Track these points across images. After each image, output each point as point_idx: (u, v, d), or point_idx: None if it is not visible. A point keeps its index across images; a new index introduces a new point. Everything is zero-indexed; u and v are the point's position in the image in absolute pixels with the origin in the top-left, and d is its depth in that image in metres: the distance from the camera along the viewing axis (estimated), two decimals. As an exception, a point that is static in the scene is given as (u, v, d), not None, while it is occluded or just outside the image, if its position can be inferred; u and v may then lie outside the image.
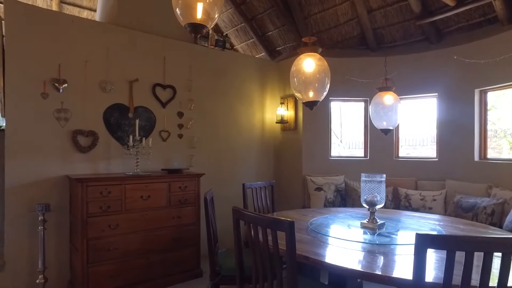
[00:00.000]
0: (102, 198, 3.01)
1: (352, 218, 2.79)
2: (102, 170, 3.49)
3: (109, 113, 3.53)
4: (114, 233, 3.09)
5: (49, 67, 3.19)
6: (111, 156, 3.54)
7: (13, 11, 3.05)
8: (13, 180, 3.03)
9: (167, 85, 3.94)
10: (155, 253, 3.35)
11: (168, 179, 3.43)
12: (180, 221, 3.50)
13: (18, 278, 3.08)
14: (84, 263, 2.95)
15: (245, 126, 4.76)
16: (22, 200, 3.07)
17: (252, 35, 5.52)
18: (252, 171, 4.83)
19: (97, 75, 3.46)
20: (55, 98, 3.21)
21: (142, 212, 3.26)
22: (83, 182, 2.92)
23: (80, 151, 3.34)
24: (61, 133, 3.26)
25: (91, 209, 2.96)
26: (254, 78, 4.87)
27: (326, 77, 2.29)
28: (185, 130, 4.09)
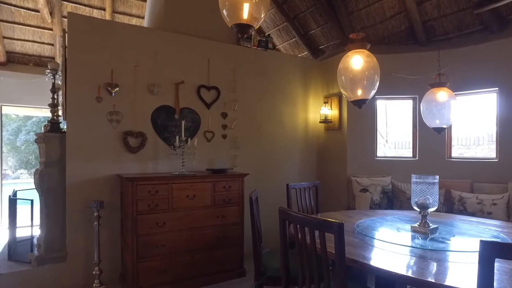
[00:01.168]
0: (150, 196, 3.13)
1: (401, 221, 2.66)
2: (150, 170, 3.63)
3: (156, 114, 3.67)
4: (161, 230, 3.20)
5: (103, 72, 3.38)
6: (158, 156, 3.67)
7: (75, 24, 3.28)
8: (72, 179, 3.25)
9: (211, 87, 4.02)
10: (199, 251, 3.42)
11: (213, 179, 3.49)
12: (224, 220, 3.55)
13: (77, 268, 3.30)
14: (134, 258, 3.08)
15: (288, 126, 4.72)
16: (79, 197, 3.28)
17: (294, 34, 5.46)
18: (295, 171, 4.78)
19: (145, 78, 3.61)
20: (108, 101, 3.40)
21: (188, 211, 3.34)
22: (133, 181, 3.06)
23: (130, 151, 3.51)
24: (113, 135, 3.44)
25: (140, 207, 3.09)
26: (297, 78, 4.82)
27: (375, 74, 2.19)
28: (229, 131, 4.14)
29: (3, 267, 3.23)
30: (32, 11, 5.42)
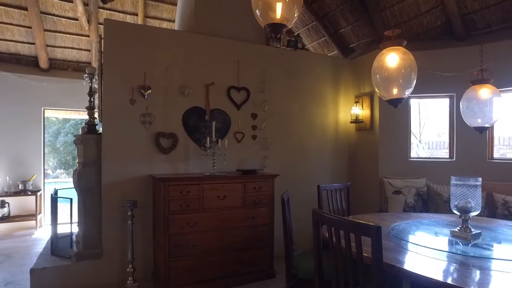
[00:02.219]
0: (182, 197, 3.18)
1: (439, 225, 2.54)
2: (181, 170, 3.70)
3: (187, 116, 3.72)
4: (192, 230, 3.24)
5: (136, 75, 3.48)
6: (189, 156, 3.73)
7: (110, 30, 3.40)
8: (108, 179, 3.37)
9: (241, 88, 4.03)
10: (230, 252, 3.44)
11: (243, 180, 3.50)
12: (254, 221, 3.55)
13: (112, 265, 3.40)
14: (166, 257, 3.14)
15: (318, 127, 4.66)
16: (114, 196, 3.39)
17: (324, 33, 5.38)
18: (325, 172, 4.70)
19: (176, 80, 3.68)
20: (141, 103, 3.49)
21: (219, 211, 3.37)
22: (165, 181, 3.12)
23: (162, 152, 3.58)
24: (146, 136, 3.53)
25: (172, 207, 3.15)
26: (327, 77, 4.74)
27: (412, 72, 2.11)
28: (259, 131, 4.14)
29: (47, 261, 3.40)
30: (72, 19, 5.68)
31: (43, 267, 3.26)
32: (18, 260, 4.29)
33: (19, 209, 5.94)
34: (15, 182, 5.80)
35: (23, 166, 5.97)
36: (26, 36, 5.73)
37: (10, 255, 4.47)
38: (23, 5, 5.34)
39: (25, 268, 3.99)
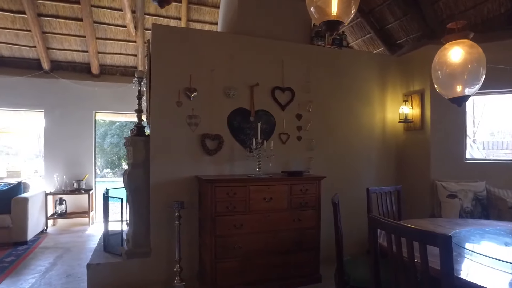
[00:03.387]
0: (228, 198, 3.18)
1: (508, 234, 2.31)
2: (226, 172, 3.71)
3: (232, 117, 3.73)
4: (238, 232, 3.23)
5: (183, 78, 3.54)
6: (234, 158, 3.73)
7: (158, 34, 3.49)
8: (155, 179, 3.46)
9: (285, 88, 3.97)
10: (275, 255, 3.39)
11: (290, 182, 3.44)
12: (300, 224, 3.47)
13: (159, 264, 3.49)
14: (212, 258, 3.16)
15: (364, 127, 4.48)
16: (162, 197, 3.47)
17: (369, 30, 5.18)
18: (372, 174, 4.51)
19: (221, 82, 3.70)
20: (187, 105, 3.55)
21: (264, 213, 3.33)
22: (212, 183, 3.13)
23: (207, 153, 3.61)
24: (192, 137, 3.58)
25: (219, 209, 3.16)
26: (374, 76, 4.55)
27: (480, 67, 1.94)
28: (304, 132, 4.05)
29: (101, 257, 3.56)
30: (120, 27, 5.94)
31: (98, 263, 3.41)
32: (76, 254, 4.55)
33: (74, 206, 6.32)
34: (70, 181, 6.18)
35: (77, 166, 6.34)
36: (81, 45, 6.09)
37: (69, 249, 4.76)
38: (79, 16, 5.66)
39: (81, 262, 4.23)
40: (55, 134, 6.27)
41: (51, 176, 6.17)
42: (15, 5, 5.44)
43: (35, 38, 5.74)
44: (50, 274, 3.87)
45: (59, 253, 4.58)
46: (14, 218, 4.86)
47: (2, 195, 5.03)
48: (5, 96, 6.03)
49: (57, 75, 6.22)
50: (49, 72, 6.20)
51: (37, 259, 4.37)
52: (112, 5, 5.66)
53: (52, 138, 6.28)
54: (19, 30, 5.74)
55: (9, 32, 5.75)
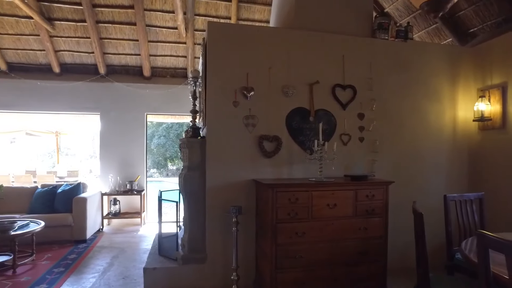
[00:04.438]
0: (290, 204, 2.97)
1: None
2: (285, 175, 3.50)
3: (291, 117, 3.51)
4: (300, 240, 3.00)
5: (239, 77, 3.39)
6: (293, 161, 3.51)
7: (213, 32, 3.37)
8: (211, 183, 3.33)
9: (346, 85, 3.69)
10: (339, 266, 3.12)
11: (355, 187, 3.15)
12: (366, 233, 3.17)
13: (215, 270, 3.36)
14: (272, 268, 2.96)
15: (432, 126, 4.05)
16: (218, 201, 3.33)
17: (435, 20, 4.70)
18: (441, 178, 4.07)
19: (279, 80, 3.50)
20: (244, 105, 3.39)
21: (328, 221, 3.07)
22: (274, 188, 2.93)
23: (265, 156, 3.42)
24: (249, 139, 3.41)
25: (280, 215, 2.95)
26: (443, 69, 4.11)
27: None
28: (367, 133, 3.73)
29: (156, 261, 3.51)
30: (171, 29, 5.98)
31: (154, 267, 3.36)
32: (130, 255, 4.59)
33: (127, 207, 6.46)
34: (124, 182, 6.31)
35: (129, 167, 6.47)
36: (134, 48, 6.21)
37: (124, 250, 4.82)
38: (133, 21, 5.77)
39: (136, 263, 4.24)
40: (110, 136, 6.45)
41: (106, 176, 6.35)
42: (77, 15, 5.68)
43: (93, 44, 5.93)
44: (108, 274, 3.90)
45: (115, 253, 4.64)
46: (75, 217, 5.02)
47: (64, 195, 5.22)
48: (67, 101, 6.31)
49: (112, 79, 6.40)
50: (105, 76, 6.39)
51: (95, 258, 4.45)
52: (164, 8, 5.69)
53: (107, 140, 6.47)
54: (80, 38, 5.98)
55: (71, 40, 6.01)
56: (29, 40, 5.99)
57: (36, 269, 4.04)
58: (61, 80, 6.28)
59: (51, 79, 6.26)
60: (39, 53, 6.16)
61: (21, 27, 5.81)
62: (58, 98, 6.26)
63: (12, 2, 5.35)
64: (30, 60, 6.27)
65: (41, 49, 6.08)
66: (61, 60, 6.28)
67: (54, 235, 4.86)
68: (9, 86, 6.17)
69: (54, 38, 5.94)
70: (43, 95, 6.22)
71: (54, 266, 4.09)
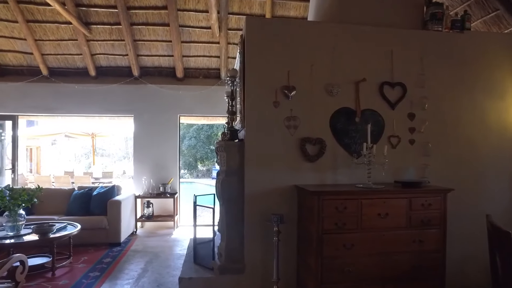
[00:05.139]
0: (337, 213, 2.71)
1: None
2: (329, 181, 3.23)
3: (335, 118, 3.25)
4: (348, 253, 2.74)
5: (280, 75, 3.17)
6: (337, 165, 3.24)
7: (252, 27, 3.18)
8: (250, 188, 3.13)
9: (395, 83, 3.37)
10: (391, 281, 2.82)
11: (409, 195, 2.84)
12: (421, 246, 2.84)
13: (254, 282, 3.15)
14: (317, 283, 2.72)
15: (494, 126, 3.61)
16: (257, 208, 3.13)
17: (495, 6, 4.26)
18: (503, 187, 3.62)
19: (323, 78, 3.24)
20: (285, 105, 3.16)
21: (379, 232, 2.79)
22: (320, 195, 2.69)
23: (308, 160, 3.18)
24: (291, 142, 3.18)
25: (326, 225, 2.70)
26: (506, 62, 3.67)
27: None
28: (418, 135, 3.39)
29: (192, 270, 3.36)
30: (204, 28, 5.87)
31: (190, 277, 3.21)
32: (164, 261, 4.49)
33: (160, 210, 6.41)
34: (157, 185, 6.27)
35: (162, 170, 6.42)
36: (167, 50, 6.16)
37: (157, 255, 4.73)
38: (166, 22, 5.72)
39: (170, 270, 4.13)
40: (143, 138, 6.44)
41: (140, 179, 6.33)
42: (112, 18, 5.71)
43: (128, 46, 5.94)
44: (142, 281, 3.81)
45: (149, 258, 4.56)
46: (109, 219, 5.00)
47: (99, 197, 5.23)
48: (102, 103, 6.37)
49: (145, 81, 6.39)
50: (138, 78, 6.39)
51: (129, 262, 4.39)
52: (197, 7, 5.59)
53: (141, 142, 6.46)
54: (115, 41, 6.01)
55: (106, 43, 6.06)
56: (68, 45, 6.10)
57: (73, 272, 4.03)
58: (96, 83, 6.35)
59: (88, 83, 6.34)
60: (77, 57, 6.26)
61: (61, 33, 5.92)
62: (94, 101, 6.33)
63: (53, 9, 5.45)
64: (69, 65, 6.38)
65: (78, 53, 6.16)
66: (97, 63, 6.35)
67: (90, 238, 4.86)
68: (50, 90, 6.31)
69: (90, 42, 6.00)
70: (80, 98, 6.31)
71: (90, 270, 4.06)
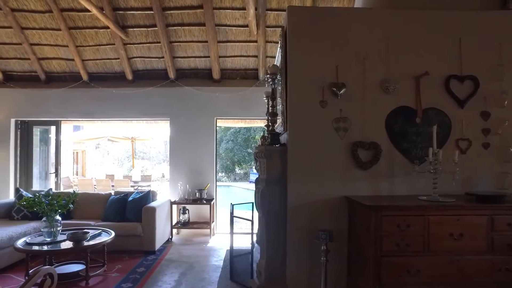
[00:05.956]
0: (399, 232, 2.26)
1: None
2: (385, 192, 2.78)
3: (392, 119, 2.80)
4: (413, 281, 2.28)
5: (327, 71, 2.78)
6: (394, 173, 2.79)
7: (294, 17, 2.84)
8: (294, 200, 2.77)
9: (465, 76, 2.85)
10: (466, 317, 2.32)
11: (490, 211, 2.32)
12: (510, 276, 2.31)
13: (298, 306, 2.77)
14: (374, 313, 2.28)
15: None
16: (301, 223, 2.76)
17: None
18: None
19: (376, 73, 2.81)
20: (334, 105, 2.77)
21: (452, 256, 2.30)
22: (378, 210, 2.26)
23: (360, 167, 2.76)
24: (340, 146, 2.77)
25: (385, 246, 2.26)
26: None
27: None
28: (494, 137, 2.85)
29: (228, 289, 3.05)
30: (241, 27, 5.59)
31: (226, 296, 2.89)
32: (199, 273, 4.22)
33: (196, 216, 6.19)
34: (193, 190, 6.06)
35: (198, 175, 6.21)
36: (203, 51, 5.96)
37: (192, 265, 4.47)
38: (202, 21, 5.51)
39: (205, 284, 3.84)
40: (179, 142, 6.28)
41: (176, 184, 6.16)
42: (148, 20, 5.61)
43: (163, 48, 5.81)
44: (176, 295, 3.55)
45: (183, 269, 4.31)
46: (144, 226, 4.84)
47: (135, 203, 5.09)
48: (139, 107, 6.29)
49: (181, 83, 6.24)
50: (174, 81, 6.24)
51: (163, 273, 4.17)
52: (233, 5, 5.32)
53: (177, 146, 6.30)
54: (151, 43, 5.91)
55: (143, 46, 5.97)
56: (106, 50, 6.09)
57: (106, 282, 3.87)
58: (133, 87, 6.29)
59: (125, 87, 6.29)
60: (114, 61, 6.24)
61: (99, 38, 5.92)
62: (131, 104, 6.28)
63: (92, 15, 5.45)
64: (107, 69, 6.38)
65: (116, 57, 6.14)
66: (133, 67, 6.29)
67: (125, 244, 4.72)
68: (90, 95, 6.35)
69: (127, 45, 5.95)
70: (117, 102, 6.29)
71: (123, 281, 3.88)
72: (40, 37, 5.91)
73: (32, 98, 6.36)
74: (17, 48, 6.05)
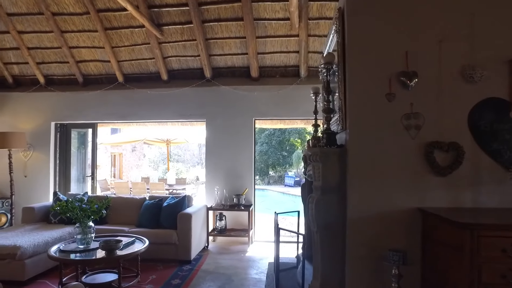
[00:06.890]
0: (505, 259, 1.75)
1: None
2: (468, 203, 2.27)
3: (477, 114, 2.28)
4: (520, 321, 1.76)
5: (394, 57, 2.33)
6: (481, 181, 2.27)
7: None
8: (355, 212, 2.32)
9: None
10: None
11: None
12: None
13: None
14: None
15: None
16: (364, 239, 2.31)
17: None
18: None
19: (456, 58, 2.31)
20: (403, 99, 2.30)
21: None
22: (473, 229, 1.76)
23: (437, 173, 2.26)
24: (411, 147, 2.30)
25: (485, 277, 1.76)
26: None
27: None
28: None
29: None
30: (281, 20, 5.21)
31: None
32: (238, 287, 3.86)
33: (233, 222, 5.86)
34: (230, 195, 5.74)
35: (236, 179, 5.88)
36: (240, 47, 5.64)
37: (230, 278, 4.12)
38: (239, 15, 5.20)
39: (245, 300, 3.47)
40: (216, 144, 5.99)
41: (212, 188, 5.87)
42: (184, 17, 5.38)
43: (199, 46, 5.56)
44: (214, 313, 3.20)
45: (221, 283, 3.97)
46: (179, 234, 4.57)
47: (170, 209, 4.84)
48: (174, 108, 6.09)
49: (217, 83, 5.95)
50: (211, 80, 5.97)
51: (199, 286, 3.85)
52: (273, -4, 4.96)
53: (213, 149, 6.01)
54: (186, 41, 5.68)
55: (178, 45, 5.76)
56: (141, 50, 5.94)
57: (140, 294, 3.61)
58: (168, 87, 6.09)
59: (160, 87, 6.12)
60: (149, 61, 6.08)
61: (134, 37, 5.78)
62: (166, 105, 6.08)
63: (128, 14, 5.32)
64: (142, 70, 6.25)
65: (151, 57, 5.97)
66: (168, 67, 6.09)
67: (159, 253, 4.46)
68: (125, 97, 6.23)
69: (162, 44, 5.76)
70: (152, 103, 6.12)
71: (157, 293, 3.60)
72: (78, 39, 5.86)
73: (70, 101, 6.35)
74: (57, 52, 6.06)
